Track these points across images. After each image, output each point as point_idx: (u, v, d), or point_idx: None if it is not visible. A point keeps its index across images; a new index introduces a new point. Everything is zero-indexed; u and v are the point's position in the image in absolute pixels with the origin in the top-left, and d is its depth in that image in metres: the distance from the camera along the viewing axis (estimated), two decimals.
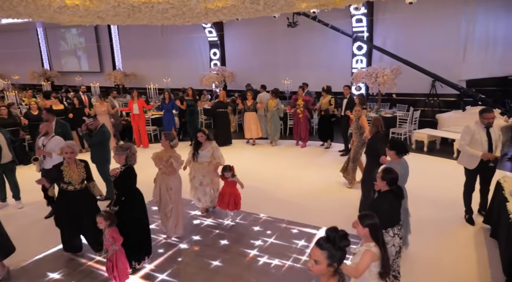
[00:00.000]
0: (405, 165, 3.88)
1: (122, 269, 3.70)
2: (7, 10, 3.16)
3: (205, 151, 5.14)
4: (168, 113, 9.60)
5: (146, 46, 15.56)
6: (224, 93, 9.94)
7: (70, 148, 3.98)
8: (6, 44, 19.10)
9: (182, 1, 3.03)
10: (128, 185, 3.90)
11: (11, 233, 4.03)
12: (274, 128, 9.58)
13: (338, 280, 1.93)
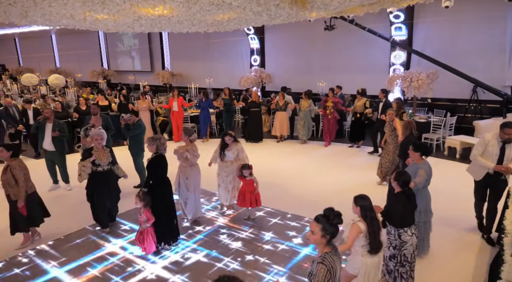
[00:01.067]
0: (429, 166, 4.10)
1: (150, 242, 4.35)
2: (55, 22, 3.88)
3: (230, 152, 5.43)
4: (205, 111, 10.25)
5: (192, 48, 16.49)
6: (256, 94, 10.44)
7: (99, 135, 4.70)
8: (72, 45, 21.29)
9: (192, 14, 3.52)
10: (158, 171, 4.46)
11: (58, 211, 4.83)
12: (305, 128, 9.99)
13: (331, 250, 2.35)
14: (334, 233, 2.34)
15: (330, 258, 2.31)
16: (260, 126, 10.49)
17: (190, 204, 5.14)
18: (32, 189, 4.54)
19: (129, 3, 3.01)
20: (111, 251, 4.54)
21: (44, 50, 23.94)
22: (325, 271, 2.27)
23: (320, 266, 2.28)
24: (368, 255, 3.08)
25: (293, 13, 4.02)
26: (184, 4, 3.11)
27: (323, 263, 2.28)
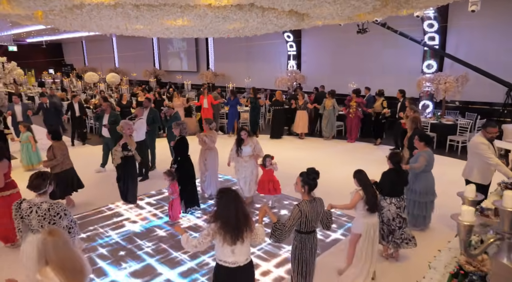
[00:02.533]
0: (430, 153, 4.81)
1: (176, 211, 5.36)
2: (106, 30, 4.96)
3: (247, 146, 5.76)
4: (233, 108, 11.20)
5: (234, 50, 17.52)
6: (280, 93, 11.20)
7: (128, 124, 5.78)
8: (129, 47, 23.48)
9: (206, 25, 4.39)
10: (182, 149, 5.51)
11: (103, 189, 5.89)
12: (329, 125, 10.62)
13: (309, 199, 3.11)
14: (312, 186, 3.14)
15: (305, 204, 3.07)
16: (282, 124, 11.23)
17: (208, 181, 6.10)
18: (70, 165, 5.65)
19: (155, 18, 3.97)
20: (136, 219, 5.56)
21: (106, 52, 26.62)
22: (297, 211, 3.05)
23: (295, 207, 3.07)
24: (368, 216, 3.76)
25: (295, 23, 4.72)
26: (197, 17, 3.99)
27: (298, 206, 3.08)
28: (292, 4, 3.54)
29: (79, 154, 8.60)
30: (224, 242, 2.63)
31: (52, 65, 31.28)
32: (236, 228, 2.65)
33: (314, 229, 3.19)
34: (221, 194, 2.76)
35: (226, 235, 2.62)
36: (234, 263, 2.70)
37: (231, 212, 2.66)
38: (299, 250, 3.18)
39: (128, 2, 3.30)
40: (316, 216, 3.16)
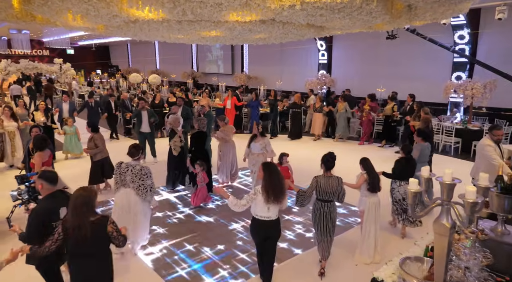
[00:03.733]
0: (425, 146, 5.55)
1: (202, 197, 6.13)
2: (153, 38, 5.86)
3: (257, 144, 6.21)
4: (254, 109, 12.02)
5: (268, 54, 18.23)
6: (299, 96, 11.91)
7: (178, 119, 6.66)
8: (170, 50, 24.95)
9: (236, 36, 5.13)
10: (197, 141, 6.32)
11: None
12: (341, 127, 11.29)
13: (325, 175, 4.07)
14: (327, 165, 4.09)
15: (321, 178, 4.06)
16: (300, 125, 11.89)
17: (221, 170, 6.92)
18: (107, 154, 6.56)
19: (194, 30, 4.76)
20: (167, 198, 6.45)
21: (148, 54, 28.41)
22: (314, 181, 4.05)
23: (314, 178, 4.08)
24: (369, 195, 4.50)
25: (314, 33, 5.34)
26: (227, 30, 4.73)
27: (315, 178, 4.08)
28: (307, 19, 4.18)
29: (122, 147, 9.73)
30: (265, 200, 3.55)
31: (99, 66, 33.75)
32: (275, 191, 3.56)
33: (329, 199, 4.08)
34: (265, 165, 3.75)
35: (269, 196, 3.54)
36: (268, 217, 3.65)
37: (273, 179, 3.59)
38: (317, 213, 4.11)
39: (172, 19, 4.11)
40: (331, 190, 4.03)
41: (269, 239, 3.75)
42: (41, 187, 3.08)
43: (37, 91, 19.85)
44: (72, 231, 2.70)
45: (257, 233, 3.74)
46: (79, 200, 2.74)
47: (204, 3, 3.54)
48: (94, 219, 2.77)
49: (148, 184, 4.38)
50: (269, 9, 3.65)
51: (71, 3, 3.73)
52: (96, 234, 2.76)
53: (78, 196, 2.76)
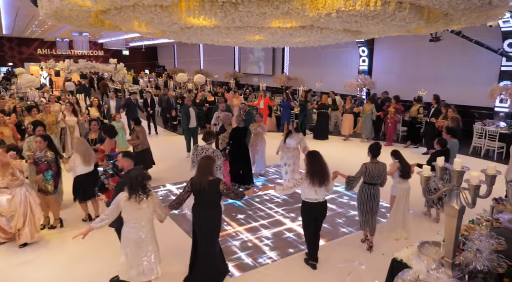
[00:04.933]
0: (451, 143, 5.92)
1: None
2: (202, 41, 6.52)
3: (292, 139, 6.71)
4: (285, 109, 12.49)
5: (309, 56, 18.51)
6: (326, 97, 12.23)
7: (229, 116, 7.36)
8: (214, 51, 25.98)
9: (277, 39, 5.64)
10: (235, 136, 6.97)
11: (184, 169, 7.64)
12: (367, 128, 11.53)
13: (373, 162, 4.78)
14: (373, 153, 4.74)
15: (370, 164, 4.69)
16: (327, 125, 12.25)
17: (257, 162, 7.56)
18: (147, 145, 7.26)
19: (240, 34, 5.33)
20: None
21: (193, 55, 29.75)
22: (364, 167, 4.68)
23: (363, 164, 4.69)
24: (401, 181, 5.06)
25: (351, 37, 5.70)
26: (270, 34, 5.24)
27: (365, 164, 4.69)
28: (342, 25, 4.58)
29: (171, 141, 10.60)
30: (311, 184, 4.14)
31: (148, 66, 35.78)
32: (321, 176, 4.14)
33: (375, 183, 4.69)
34: (310, 153, 4.31)
35: (314, 180, 4.12)
36: (316, 199, 4.26)
37: (318, 165, 4.17)
38: (363, 195, 4.72)
39: (222, 25, 4.69)
40: (378, 174, 4.66)
41: (317, 219, 4.37)
42: (127, 164, 3.91)
43: (90, 89, 21.61)
44: (196, 184, 3.79)
45: (307, 213, 4.36)
46: (203, 164, 3.86)
47: (251, 12, 4.07)
48: (211, 179, 3.83)
49: (218, 164, 5.38)
50: (308, 17, 4.11)
51: (139, 13, 4.43)
52: (211, 189, 3.80)
53: (203, 161, 3.90)
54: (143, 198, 3.38)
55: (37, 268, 4.42)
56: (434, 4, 4.02)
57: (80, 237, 3.48)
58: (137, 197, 3.35)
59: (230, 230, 5.39)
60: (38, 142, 5.09)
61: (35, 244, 4.92)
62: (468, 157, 9.60)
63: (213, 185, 3.83)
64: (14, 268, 4.42)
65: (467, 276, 2.83)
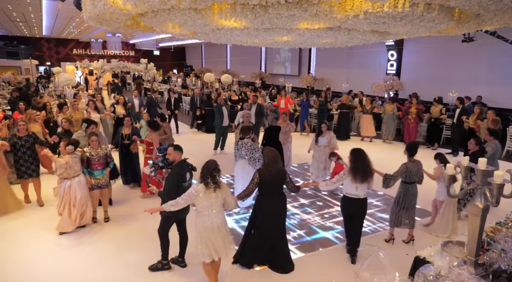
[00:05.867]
0: (496, 144, 6.00)
1: None
2: (231, 42, 6.73)
3: (324, 138, 6.96)
4: (304, 109, 12.52)
5: (336, 56, 18.43)
6: (346, 97, 12.14)
7: (247, 113, 7.48)
8: (241, 52, 26.30)
9: (305, 40, 5.77)
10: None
11: None
12: (388, 129, 11.43)
13: (413, 161, 4.84)
14: (410, 152, 4.77)
15: (409, 164, 4.73)
16: (348, 126, 12.14)
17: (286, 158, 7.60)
18: (173, 141, 7.36)
19: (269, 35, 5.50)
20: None
21: (220, 56, 30.24)
22: (404, 167, 4.71)
23: (403, 164, 4.73)
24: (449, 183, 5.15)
25: (378, 38, 5.73)
26: (298, 35, 5.38)
27: (405, 164, 4.73)
28: (370, 27, 4.64)
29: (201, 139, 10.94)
30: (353, 180, 4.28)
31: (176, 66, 36.67)
32: (363, 173, 4.27)
33: (413, 181, 4.76)
34: (354, 150, 4.43)
35: (356, 176, 4.27)
36: (356, 195, 4.38)
37: (361, 161, 4.31)
38: (403, 193, 4.80)
39: (252, 27, 4.87)
40: (416, 172, 4.74)
41: (356, 214, 4.49)
42: (178, 157, 4.18)
43: (123, 88, 22.44)
44: (266, 176, 4.07)
45: (346, 208, 4.52)
46: (270, 155, 4.18)
47: (280, 14, 4.23)
48: (280, 168, 4.20)
49: (257, 157, 5.79)
50: (336, 19, 4.22)
51: (174, 15, 4.69)
52: (282, 177, 4.14)
53: (270, 153, 4.21)
54: (216, 187, 3.64)
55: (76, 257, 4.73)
56: (464, 5, 4.02)
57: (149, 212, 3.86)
58: (211, 185, 3.61)
59: None
60: (94, 141, 5.34)
61: (75, 233, 5.29)
62: (501, 161, 9.26)
63: (282, 174, 4.18)
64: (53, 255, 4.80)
65: (491, 275, 2.86)
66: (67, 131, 6.61)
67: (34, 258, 4.61)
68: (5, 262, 4.51)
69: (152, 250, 4.55)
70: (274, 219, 4.22)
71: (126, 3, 4.24)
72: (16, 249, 4.83)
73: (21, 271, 4.34)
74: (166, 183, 4.11)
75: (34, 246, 4.89)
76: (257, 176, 4.12)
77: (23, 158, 6.06)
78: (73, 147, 5.10)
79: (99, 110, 9.67)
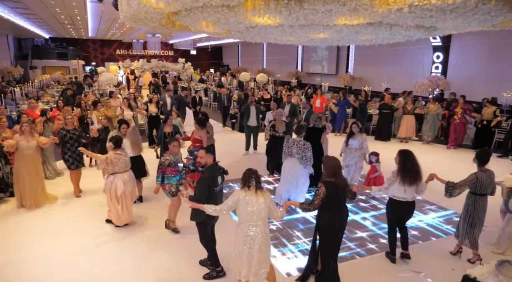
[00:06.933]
0: None
1: None
2: (266, 40, 6.56)
3: (355, 140, 6.59)
4: (342, 108, 12.04)
5: (376, 54, 17.69)
6: (389, 97, 11.52)
7: (280, 112, 7.28)
8: (277, 51, 26.12)
9: (343, 37, 5.45)
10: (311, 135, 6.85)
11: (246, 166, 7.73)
12: (431, 129, 10.90)
13: (485, 171, 4.31)
14: (479, 160, 4.28)
15: (480, 173, 4.26)
16: (389, 127, 11.54)
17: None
18: (213, 140, 7.31)
19: (304, 33, 5.26)
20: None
21: (256, 55, 30.20)
22: (473, 176, 4.26)
23: (472, 174, 4.28)
24: None
25: (424, 34, 5.29)
26: (335, 32, 5.08)
27: (475, 174, 4.27)
28: (415, 21, 4.26)
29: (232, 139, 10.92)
30: (402, 183, 4.12)
31: (212, 65, 37.16)
32: (412, 175, 4.09)
33: (485, 193, 4.27)
34: (402, 152, 4.25)
35: (405, 179, 4.11)
36: (404, 198, 4.23)
37: (410, 164, 4.13)
38: (471, 207, 4.34)
39: (286, 24, 4.67)
40: (488, 183, 4.25)
41: (402, 218, 4.33)
42: (210, 160, 4.02)
43: (164, 86, 22.97)
44: (333, 190, 3.67)
45: (393, 211, 4.34)
46: (333, 165, 3.76)
47: (316, 10, 3.98)
48: (344, 179, 3.83)
49: (309, 156, 5.80)
50: (377, 13, 3.90)
51: (207, 13, 4.60)
52: (347, 189, 3.82)
53: (333, 162, 3.80)
54: (258, 188, 3.47)
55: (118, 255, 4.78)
56: None
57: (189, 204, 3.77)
58: (252, 186, 3.45)
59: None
60: (175, 146, 4.92)
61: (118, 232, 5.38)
62: None
63: (347, 185, 3.85)
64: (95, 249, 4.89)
65: None
66: (106, 128, 6.80)
67: (60, 255, 4.71)
68: (35, 257, 4.66)
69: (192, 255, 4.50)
70: (337, 235, 3.81)
71: (159, 2, 4.20)
72: (51, 243, 4.98)
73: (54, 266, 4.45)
74: (197, 187, 4.00)
75: (64, 243, 5.02)
76: (323, 190, 3.67)
77: (71, 149, 6.45)
78: (113, 144, 5.18)
79: (132, 108, 9.93)
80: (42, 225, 5.49)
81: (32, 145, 5.92)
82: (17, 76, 22.39)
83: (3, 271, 4.33)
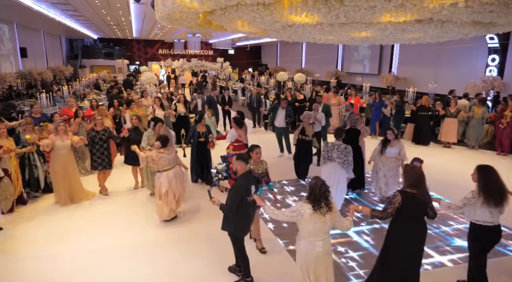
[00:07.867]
0: None
1: None
2: (304, 39, 6.27)
3: (393, 148, 6.02)
4: (377, 110, 11.36)
5: (422, 53, 16.68)
6: (426, 99, 10.77)
7: (308, 114, 7.10)
8: (316, 50, 25.59)
9: (387, 36, 5.01)
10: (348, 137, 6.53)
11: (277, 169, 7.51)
12: (476, 134, 10.17)
13: None
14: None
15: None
16: (428, 130, 10.72)
17: None
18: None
19: (344, 31, 4.93)
20: None
21: (295, 54, 29.77)
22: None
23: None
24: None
25: (481, 31, 4.75)
26: (378, 30, 4.69)
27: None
28: (471, 17, 3.80)
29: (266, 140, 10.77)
30: (486, 204, 3.46)
31: (251, 65, 37.20)
32: (498, 194, 3.46)
33: None
34: (482, 167, 3.59)
35: (489, 199, 3.45)
36: (492, 223, 3.53)
37: (494, 181, 3.47)
38: None
39: (325, 22, 4.39)
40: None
41: (491, 246, 3.66)
42: (240, 167, 3.82)
43: (204, 86, 23.30)
44: (409, 202, 3.30)
45: (479, 239, 3.63)
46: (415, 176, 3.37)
47: (358, 6, 3.68)
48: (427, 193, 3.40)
49: (351, 160, 5.59)
50: (427, 9, 3.52)
51: (242, 12, 4.43)
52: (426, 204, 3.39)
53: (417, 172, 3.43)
54: (326, 210, 3.17)
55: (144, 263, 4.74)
56: None
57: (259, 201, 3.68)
58: (321, 209, 3.14)
59: None
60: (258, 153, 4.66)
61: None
62: None
63: (429, 199, 3.41)
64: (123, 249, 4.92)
65: None
66: (136, 127, 6.84)
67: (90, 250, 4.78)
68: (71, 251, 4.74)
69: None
70: (412, 252, 3.42)
71: (192, 1, 4.10)
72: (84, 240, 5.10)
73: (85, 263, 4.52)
74: (228, 195, 3.83)
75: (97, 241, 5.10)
76: (398, 199, 3.33)
77: (100, 150, 6.50)
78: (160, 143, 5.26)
79: (164, 108, 9.89)
80: (77, 222, 5.65)
81: (67, 145, 6.09)
82: (67, 74, 23.74)
83: (43, 265, 4.50)
